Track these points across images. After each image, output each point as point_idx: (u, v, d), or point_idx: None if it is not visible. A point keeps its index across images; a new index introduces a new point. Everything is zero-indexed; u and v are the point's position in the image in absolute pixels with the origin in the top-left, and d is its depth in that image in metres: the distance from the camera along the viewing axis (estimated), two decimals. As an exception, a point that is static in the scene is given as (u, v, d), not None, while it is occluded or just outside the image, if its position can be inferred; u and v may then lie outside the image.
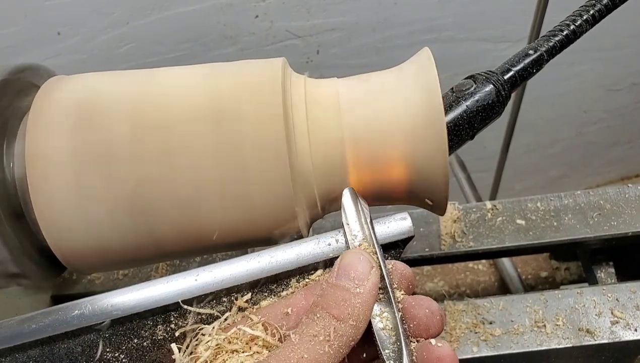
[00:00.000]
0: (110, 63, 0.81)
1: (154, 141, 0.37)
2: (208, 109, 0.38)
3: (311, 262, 0.37)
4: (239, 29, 0.83)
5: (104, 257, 0.40)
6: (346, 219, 0.36)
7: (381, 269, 0.34)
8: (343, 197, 0.37)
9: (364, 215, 0.37)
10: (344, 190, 0.38)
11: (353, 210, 0.37)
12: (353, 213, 0.36)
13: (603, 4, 0.44)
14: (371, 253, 0.34)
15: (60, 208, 0.38)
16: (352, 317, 0.31)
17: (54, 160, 0.38)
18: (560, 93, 1.09)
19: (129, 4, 0.76)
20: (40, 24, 0.74)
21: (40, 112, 0.39)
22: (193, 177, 0.37)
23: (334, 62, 0.91)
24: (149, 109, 0.38)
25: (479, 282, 0.77)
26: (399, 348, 0.32)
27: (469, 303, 0.55)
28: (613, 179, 1.35)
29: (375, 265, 0.34)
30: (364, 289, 0.32)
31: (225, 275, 0.36)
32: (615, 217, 0.59)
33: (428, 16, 0.88)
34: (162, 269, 0.62)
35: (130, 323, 0.36)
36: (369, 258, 0.34)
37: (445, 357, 0.32)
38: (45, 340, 0.36)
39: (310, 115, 0.39)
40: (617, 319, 0.52)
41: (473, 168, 0.96)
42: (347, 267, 0.33)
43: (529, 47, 0.43)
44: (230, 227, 0.39)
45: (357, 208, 0.37)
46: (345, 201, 0.37)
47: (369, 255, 0.34)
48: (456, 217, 0.61)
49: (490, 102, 0.40)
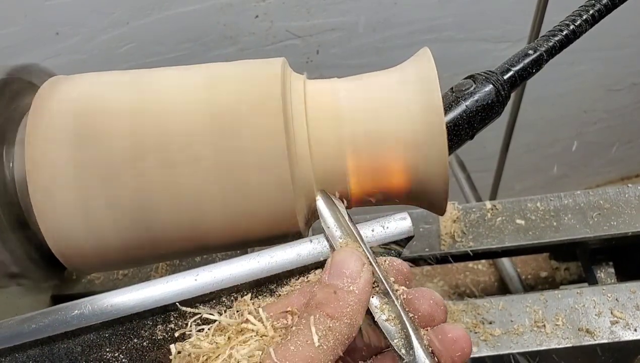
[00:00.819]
0: (110, 63, 0.81)
1: (154, 157, 0.37)
2: (208, 124, 0.38)
3: (311, 261, 0.37)
4: (239, 29, 0.83)
5: (104, 257, 0.40)
6: (324, 222, 0.37)
7: (372, 264, 0.34)
8: (317, 202, 0.38)
9: (342, 215, 0.37)
10: (317, 196, 0.38)
11: (329, 213, 0.37)
12: (330, 216, 0.37)
13: (603, 4, 0.44)
14: (359, 250, 0.35)
15: (60, 209, 0.38)
16: (346, 315, 0.32)
17: (54, 167, 0.38)
18: (560, 93, 1.09)
19: (129, 4, 0.76)
20: (40, 24, 0.74)
21: (39, 117, 0.39)
22: (194, 186, 0.38)
23: (334, 62, 0.91)
24: (149, 123, 0.38)
25: (478, 282, 0.77)
26: (407, 335, 0.32)
27: (468, 303, 0.55)
28: (613, 179, 1.35)
29: (367, 262, 0.34)
30: (357, 287, 0.33)
31: (225, 275, 0.36)
32: (615, 217, 0.59)
33: (428, 16, 0.88)
34: (162, 269, 0.62)
35: (130, 323, 0.36)
36: (360, 256, 0.34)
37: (460, 338, 0.33)
38: (45, 340, 0.36)
39: (311, 123, 0.38)
40: (617, 319, 0.52)
41: (473, 168, 0.96)
42: (339, 266, 0.33)
43: (529, 47, 0.43)
44: (230, 227, 0.39)
45: (333, 211, 0.37)
46: (319, 206, 0.38)
47: (360, 252, 0.34)
48: (456, 217, 0.61)
49: (490, 102, 0.40)
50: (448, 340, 0.33)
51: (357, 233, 0.36)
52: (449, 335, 0.33)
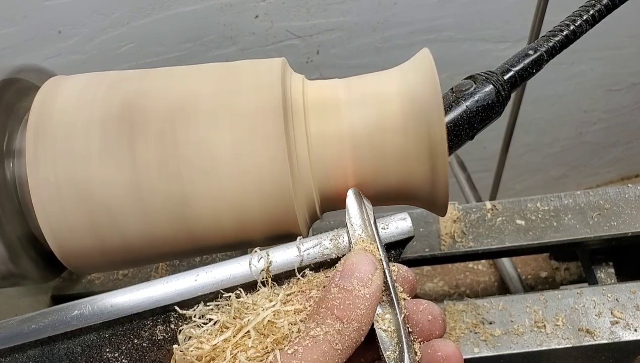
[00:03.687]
0: (110, 63, 0.81)
1: (153, 151, 0.37)
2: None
3: (311, 262, 0.37)
4: (239, 29, 0.83)
5: (104, 257, 0.40)
6: (350, 220, 0.36)
7: (384, 271, 0.34)
8: (347, 197, 0.37)
9: (367, 215, 0.37)
10: (349, 191, 0.38)
11: (357, 210, 0.37)
12: (357, 214, 0.37)
13: (603, 4, 0.44)
14: (375, 255, 0.34)
15: (61, 209, 0.38)
16: (356, 318, 0.31)
17: (55, 167, 0.38)
18: (560, 93, 1.09)
19: (129, 4, 0.76)
20: (40, 24, 0.74)
21: (40, 117, 0.39)
22: (192, 184, 0.37)
23: (334, 62, 0.91)
24: (150, 112, 0.38)
25: (478, 282, 0.77)
26: (401, 350, 0.32)
27: (468, 304, 0.55)
28: (613, 179, 1.35)
29: (379, 267, 0.34)
30: (368, 291, 0.32)
31: (225, 275, 0.36)
32: (615, 217, 0.59)
33: (428, 16, 0.88)
34: (162, 269, 0.62)
35: (130, 324, 0.36)
36: (374, 260, 0.34)
37: (451, 356, 0.33)
38: (45, 340, 0.36)
39: (311, 124, 0.38)
40: (617, 319, 0.52)
41: (473, 168, 0.96)
42: (352, 268, 0.33)
43: (529, 47, 0.43)
44: (230, 227, 0.39)
45: (361, 209, 0.37)
46: (349, 202, 0.37)
47: (373, 256, 0.34)
48: (456, 217, 0.61)
49: (490, 102, 0.40)
50: (438, 358, 0.33)
51: (378, 237, 0.36)
52: (438, 353, 0.33)
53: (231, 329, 0.34)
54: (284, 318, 0.33)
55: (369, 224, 0.36)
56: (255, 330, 0.33)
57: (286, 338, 0.32)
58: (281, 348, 0.31)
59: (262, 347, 0.33)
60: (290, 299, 0.35)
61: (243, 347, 0.33)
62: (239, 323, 0.34)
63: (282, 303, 0.34)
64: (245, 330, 0.33)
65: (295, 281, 0.37)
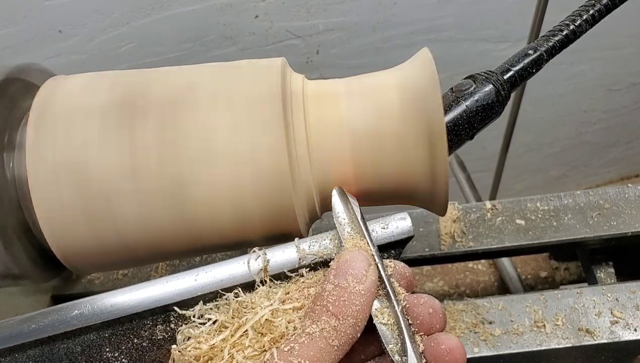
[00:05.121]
0: (110, 63, 0.81)
1: (152, 134, 0.37)
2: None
3: (311, 261, 0.37)
4: (239, 29, 0.83)
5: (104, 257, 0.40)
6: (337, 218, 0.37)
7: (378, 265, 0.34)
8: (332, 197, 0.38)
9: (354, 213, 0.37)
10: (333, 191, 0.38)
11: (343, 208, 0.37)
12: (343, 212, 0.37)
13: (603, 4, 0.44)
14: (367, 250, 0.35)
15: (61, 209, 0.38)
16: (351, 314, 0.32)
17: (55, 167, 0.38)
18: (560, 93, 1.09)
19: (129, 4, 0.76)
20: (40, 24, 0.74)
21: (40, 117, 0.39)
22: (189, 167, 0.37)
23: (334, 62, 0.91)
24: (151, 96, 0.38)
25: (478, 282, 0.77)
26: (403, 342, 0.32)
27: (468, 303, 0.55)
28: (613, 179, 1.35)
29: (373, 263, 0.34)
30: (363, 287, 0.33)
31: (225, 275, 0.36)
32: (614, 217, 0.59)
33: (428, 16, 0.88)
34: (162, 269, 0.62)
35: (130, 324, 0.36)
36: (367, 256, 0.34)
37: (454, 349, 0.33)
38: (45, 340, 0.36)
39: (310, 124, 0.38)
40: (617, 319, 0.52)
41: (473, 168, 0.96)
42: (346, 265, 0.33)
43: (529, 47, 0.43)
44: (229, 227, 0.39)
45: (347, 207, 0.37)
46: (334, 201, 0.38)
47: (366, 252, 0.34)
48: (456, 217, 0.61)
49: (490, 102, 0.40)
50: (442, 351, 0.33)
51: (367, 233, 0.36)
52: (442, 346, 0.33)
53: (229, 329, 0.34)
54: (282, 317, 0.33)
55: (356, 221, 0.36)
56: (253, 329, 0.33)
57: (284, 336, 0.33)
58: (278, 346, 0.32)
59: (259, 345, 0.33)
60: (288, 298, 0.35)
61: (240, 346, 0.33)
62: (237, 322, 0.34)
63: (281, 302, 0.35)
64: (243, 329, 0.34)
65: (294, 280, 0.37)
